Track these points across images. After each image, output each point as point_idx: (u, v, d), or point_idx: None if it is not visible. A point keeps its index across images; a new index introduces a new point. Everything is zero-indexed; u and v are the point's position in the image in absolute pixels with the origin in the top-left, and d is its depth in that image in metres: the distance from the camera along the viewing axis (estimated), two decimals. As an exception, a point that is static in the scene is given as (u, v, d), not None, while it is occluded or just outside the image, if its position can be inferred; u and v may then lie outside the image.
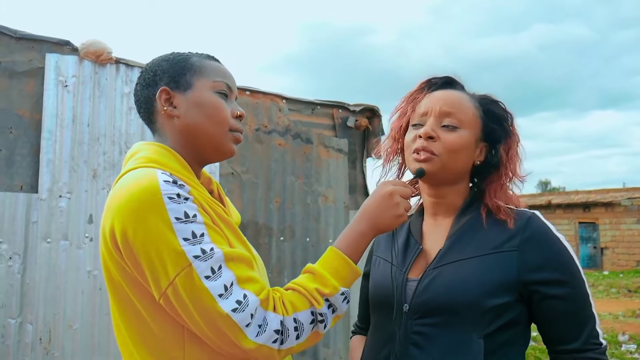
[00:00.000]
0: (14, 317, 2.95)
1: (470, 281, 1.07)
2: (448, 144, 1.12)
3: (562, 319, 1.07)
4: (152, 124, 1.13)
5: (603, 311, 9.38)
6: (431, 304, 1.09)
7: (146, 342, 0.99)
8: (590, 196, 19.18)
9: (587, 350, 1.05)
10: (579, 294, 1.07)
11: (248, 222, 3.76)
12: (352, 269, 1.03)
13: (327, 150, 4.16)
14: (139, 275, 0.95)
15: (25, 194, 3.04)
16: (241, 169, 3.79)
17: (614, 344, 6.81)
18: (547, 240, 1.09)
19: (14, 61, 3.08)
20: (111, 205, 0.97)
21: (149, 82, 1.11)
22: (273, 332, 0.92)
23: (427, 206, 1.25)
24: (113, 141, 3.30)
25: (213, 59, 1.15)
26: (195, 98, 1.08)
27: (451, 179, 1.18)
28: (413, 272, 1.16)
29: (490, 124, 1.18)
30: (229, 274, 0.93)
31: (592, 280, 14.41)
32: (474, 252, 1.11)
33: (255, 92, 3.86)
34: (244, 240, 1.10)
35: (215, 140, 1.10)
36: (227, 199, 1.25)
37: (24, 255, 3.01)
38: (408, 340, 1.10)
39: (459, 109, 1.15)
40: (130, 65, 3.39)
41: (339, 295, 1.00)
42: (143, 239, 0.91)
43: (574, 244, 18.92)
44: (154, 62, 1.13)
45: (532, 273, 1.07)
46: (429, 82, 1.24)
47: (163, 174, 0.97)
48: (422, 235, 1.23)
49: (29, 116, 3.11)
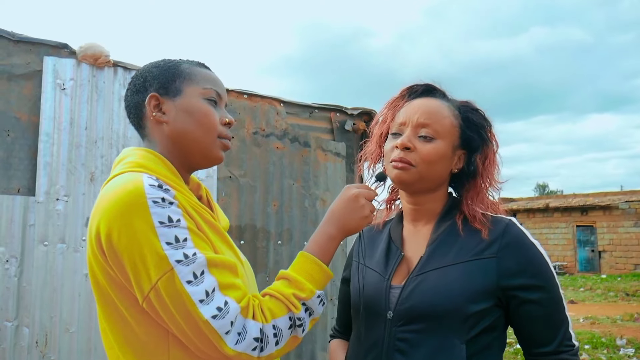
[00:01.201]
0: (10, 320, 2.94)
1: (453, 288, 1.09)
2: (424, 155, 1.14)
3: (538, 323, 1.10)
4: (141, 129, 1.13)
5: (601, 315, 9.39)
6: (415, 311, 1.10)
7: (132, 346, 0.99)
8: (588, 199, 19.21)
9: (561, 352, 1.09)
10: (554, 298, 1.11)
11: (246, 226, 3.75)
12: (325, 272, 1.06)
13: (325, 154, 4.16)
14: (122, 279, 0.95)
15: (23, 196, 3.04)
16: (239, 172, 3.79)
17: (612, 347, 6.81)
18: (524, 247, 1.12)
19: (11, 64, 3.08)
20: (98, 208, 0.98)
21: (139, 88, 1.11)
22: (252, 340, 0.93)
23: (407, 212, 1.26)
24: (111, 144, 3.30)
25: (204, 67, 1.16)
26: (184, 105, 1.09)
27: (429, 188, 1.20)
28: (396, 279, 1.18)
29: (467, 132, 1.20)
30: (211, 279, 0.93)
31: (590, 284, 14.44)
32: (455, 258, 1.13)
33: (253, 95, 3.86)
34: (231, 245, 1.11)
35: (203, 147, 1.10)
36: (215, 204, 1.25)
37: (20, 258, 3.00)
38: (393, 347, 1.12)
39: (435, 120, 1.16)
40: (127, 68, 3.40)
41: (315, 298, 1.02)
42: (127, 242, 0.92)
43: (571, 248, 18.96)
44: (145, 69, 1.13)
45: (511, 279, 1.09)
46: (410, 90, 1.26)
47: (149, 177, 0.98)
48: (403, 242, 1.24)
49: (26, 119, 3.11)
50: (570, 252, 19.03)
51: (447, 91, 1.26)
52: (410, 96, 1.24)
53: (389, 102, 1.27)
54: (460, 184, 1.24)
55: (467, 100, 1.25)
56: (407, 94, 1.25)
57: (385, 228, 1.32)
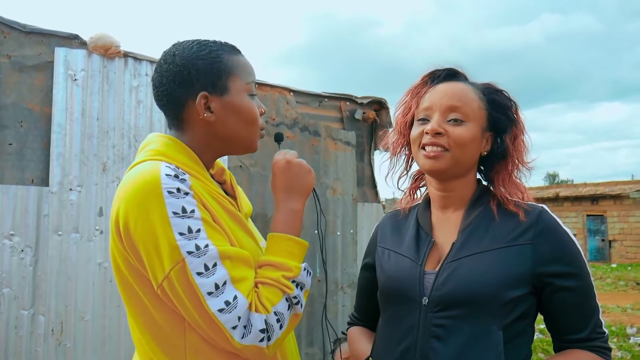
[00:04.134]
0: (26, 308, 2.98)
1: (489, 273, 1.08)
2: (457, 138, 1.13)
3: (571, 310, 1.10)
4: (176, 120, 1.11)
5: (611, 304, 9.36)
6: (452, 297, 1.10)
7: (150, 330, 1.02)
8: (599, 189, 19.05)
9: (594, 339, 1.10)
10: (587, 285, 1.10)
11: (257, 215, 3.77)
12: (301, 244, 1.08)
13: (335, 143, 4.16)
14: (139, 265, 0.97)
15: (36, 187, 3.07)
16: (249, 162, 3.80)
17: (622, 336, 6.79)
18: (559, 234, 1.11)
19: (23, 55, 3.10)
20: (118, 196, 1.00)
21: (184, 81, 1.07)
22: (259, 332, 0.95)
23: (435, 199, 1.24)
24: (122, 134, 3.32)
25: (239, 53, 1.15)
26: (232, 103, 1.09)
27: (460, 173, 1.18)
28: (428, 265, 1.17)
29: (494, 114, 1.18)
30: (222, 272, 0.94)
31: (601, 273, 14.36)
32: (490, 244, 1.12)
33: (263, 84, 3.86)
34: (251, 233, 1.12)
35: (247, 142, 1.14)
36: (239, 189, 1.26)
37: (35, 247, 3.04)
38: (429, 333, 1.10)
39: (464, 103, 1.15)
40: (138, 58, 3.40)
41: (303, 271, 1.05)
42: (142, 231, 0.94)
43: (582, 237, 18.84)
44: (187, 59, 1.07)
45: (546, 266, 1.09)
46: (432, 75, 1.23)
47: (167, 167, 0.98)
48: (432, 228, 1.22)
49: (38, 110, 3.13)
50: (581, 242, 18.90)
51: (469, 75, 1.24)
52: (434, 81, 1.22)
53: (410, 89, 1.25)
54: (489, 167, 1.23)
55: (490, 82, 1.23)
56: (429, 80, 1.23)
57: (411, 214, 1.30)
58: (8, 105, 3.05)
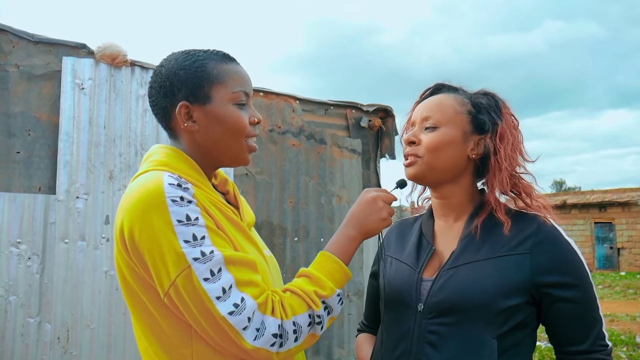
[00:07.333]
0: (32, 316, 2.99)
1: (485, 281, 1.09)
2: (427, 143, 1.17)
3: (571, 321, 1.09)
4: (168, 130, 1.14)
5: (621, 312, 9.26)
6: (446, 304, 1.10)
7: (157, 338, 1.02)
8: (606, 196, 18.93)
9: (594, 351, 1.08)
10: (588, 297, 1.09)
11: (262, 223, 3.77)
12: (345, 272, 1.08)
13: (341, 151, 4.16)
14: (145, 274, 0.97)
15: (43, 195, 3.09)
16: (255, 170, 3.81)
17: (631, 345, 6.71)
18: (559, 244, 1.11)
19: (31, 65, 3.13)
20: (122, 206, 1.00)
21: (167, 91, 1.09)
22: (271, 336, 0.94)
23: (435, 207, 1.27)
24: (129, 143, 3.33)
25: (230, 60, 1.14)
26: (214, 112, 1.08)
27: (445, 178, 1.20)
28: (427, 272, 1.18)
29: (479, 116, 1.20)
30: (228, 276, 0.94)
31: (609, 281, 14.23)
32: (488, 253, 1.12)
33: (268, 93, 3.88)
34: (254, 241, 1.12)
35: (232, 153, 1.12)
36: (242, 199, 1.26)
37: (42, 255, 3.05)
38: (422, 339, 1.12)
39: (436, 110, 1.19)
40: (145, 67, 3.43)
41: (335, 296, 1.04)
42: (147, 240, 0.94)
43: (589, 244, 18.70)
44: (170, 69, 1.09)
45: (544, 275, 1.08)
46: (422, 93, 1.30)
47: (170, 176, 0.99)
48: (434, 236, 1.24)
49: (46, 118, 3.15)
50: (589, 249, 18.77)
51: (463, 85, 1.27)
52: (422, 98, 1.28)
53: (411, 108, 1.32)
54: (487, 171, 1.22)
55: (484, 89, 1.25)
56: (420, 98, 1.30)
57: (416, 223, 1.33)
58: (16, 113, 3.08)
